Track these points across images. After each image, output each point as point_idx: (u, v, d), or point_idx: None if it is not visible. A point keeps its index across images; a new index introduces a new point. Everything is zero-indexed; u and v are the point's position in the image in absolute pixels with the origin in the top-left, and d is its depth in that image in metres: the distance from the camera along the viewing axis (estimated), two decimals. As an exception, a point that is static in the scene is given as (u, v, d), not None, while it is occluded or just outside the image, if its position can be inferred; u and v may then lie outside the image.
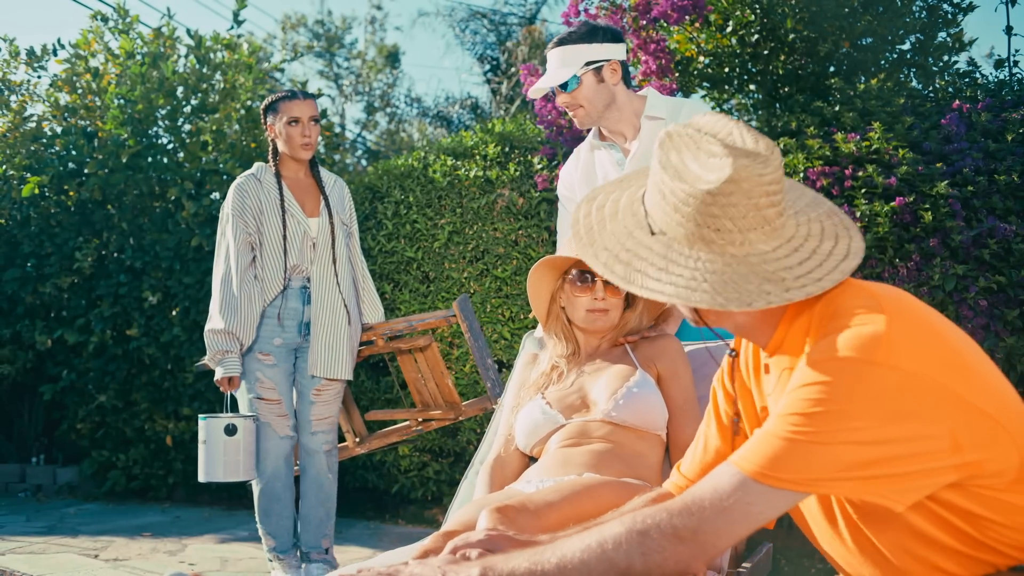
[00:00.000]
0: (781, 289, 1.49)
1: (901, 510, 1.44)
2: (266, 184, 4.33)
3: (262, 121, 4.45)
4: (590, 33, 3.35)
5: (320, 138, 8.02)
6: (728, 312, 1.63)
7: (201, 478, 4.12)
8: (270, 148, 4.43)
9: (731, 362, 1.90)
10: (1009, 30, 5.75)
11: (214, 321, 4.20)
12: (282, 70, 18.71)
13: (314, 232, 4.36)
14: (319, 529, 4.36)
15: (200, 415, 4.17)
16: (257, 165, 4.41)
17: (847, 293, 1.52)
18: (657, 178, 1.59)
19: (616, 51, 3.37)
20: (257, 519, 4.31)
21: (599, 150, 3.51)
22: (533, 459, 2.75)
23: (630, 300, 2.82)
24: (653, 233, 1.61)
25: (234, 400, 4.33)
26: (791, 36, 5.54)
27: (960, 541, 1.47)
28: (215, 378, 4.22)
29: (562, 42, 3.36)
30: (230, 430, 4.05)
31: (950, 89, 5.27)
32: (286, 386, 4.32)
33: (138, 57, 7.47)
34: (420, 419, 4.66)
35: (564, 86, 3.35)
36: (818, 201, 1.64)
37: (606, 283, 2.71)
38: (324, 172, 4.54)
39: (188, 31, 7.54)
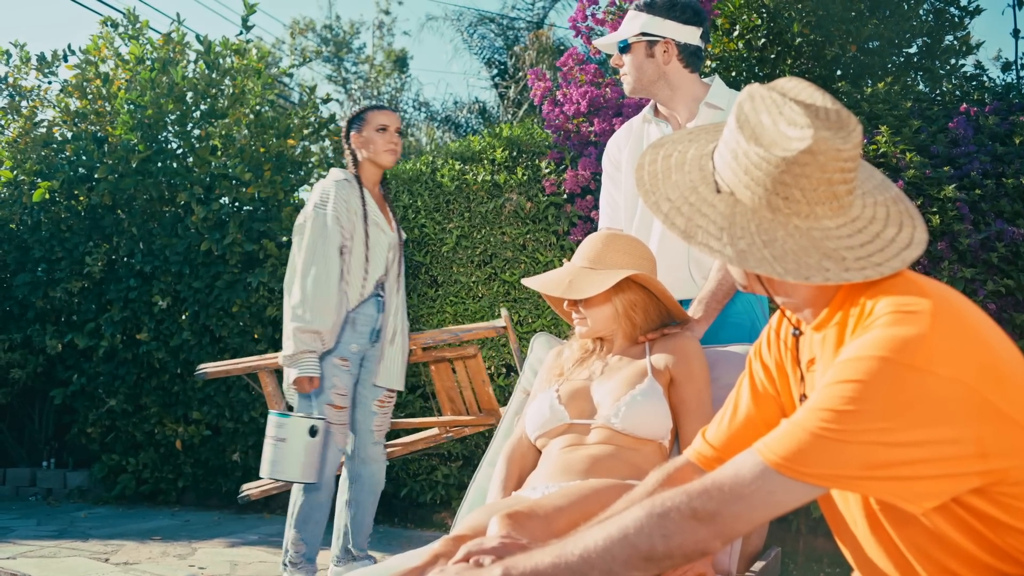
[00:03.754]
0: (840, 268, 1.48)
1: (919, 513, 1.43)
2: (355, 192, 4.38)
3: (344, 135, 4.52)
4: (664, 6, 3.25)
5: (328, 142, 8.05)
6: (782, 283, 1.63)
7: (270, 474, 4.11)
8: (351, 161, 4.49)
9: (768, 337, 1.90)
10: (1016, 33, 5.74)
11: (307, 320, 4.15)
12: (291, 75, 18.74)
13: (391, 242, 4.46)
14: (367, 532, 4.47)
15: (272, 411, 4.16)
16: (344, 172, 4.45)
17: (897, 285, 1.50)
18: (732, 137, 1.58)
19: (679, 32, 3.26)
20: (293, 524, 4.27)
21: (650, 124, 3.43)
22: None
23: (617, 305, 2.80)
24: (719, 191, 1.60)
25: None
26: (798, 40, 5.54)
27: (978, 545, 1.45)
28: (293, 378, 4.20)
29: (636, 5, 3.28)
30: (314, 431, 4.05)
31: (957, 92, 5.26)
32: (352, 394, 4.36)
33: (148, 62, 7.49)
34: (450, 427, 4.69)
35: (620, 46, 3.29)
36: (885, 185, 1.63)
37: (572, 298, 2.76)
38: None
39: (197, 36, 7.56)
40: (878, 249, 1.51)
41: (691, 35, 3.29)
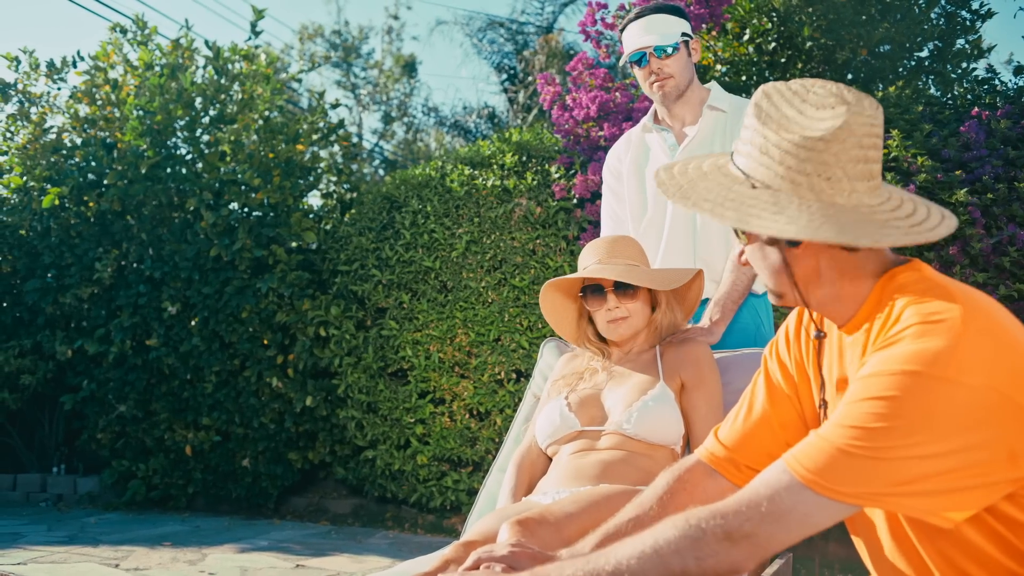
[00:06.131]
0: (900, 233, 1.49)
1: (951, 527, 1.42)
2: None
3: None
4: (676, 8, 3.32)
5: (338, 147, 8.06)
6: (819, 284, 1.63)
7: None
8: None
9: (786, 336, 1.89)
10: (1028, 36, 5.71)
11: None
12: (300, 80, 18.79)
13: None
14: None
15: None
16: None
17: (930, 289, 1.49)
18: (756, 136, 1.59)
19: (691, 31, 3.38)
20: None
21: (651, 133, 3.46)
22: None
23: (655, 301, 2.81)
24: (755, 188, 1.59)
25: None
26: (808, 44, 5.53)
27: (1008, 555, 1.44)
28: None
29: (658, 10, 3.31)
30: None
31: (969, 96, 5.24)
32: None
33: (157, 68, 7.51)
34: None
35: (661, 50, 3.27)
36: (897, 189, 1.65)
37: (618, 292, 2.72)
38: None
39: (206, 42, 7.57)
40: (919, 221, 1.53)
41: None
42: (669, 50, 3.27)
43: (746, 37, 5.75)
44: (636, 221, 3.41)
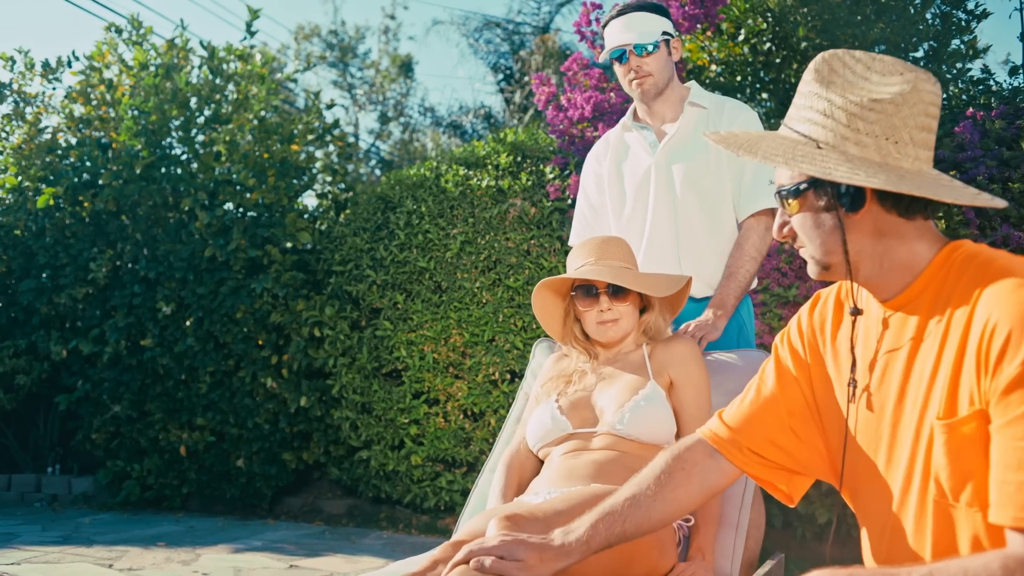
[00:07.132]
0: (969, 195, 1.49)
1: None
2: None
3: None
4: (658, 7, 3.34)
5: (333, 148, 8.05)
6: (873, 253, 1.60)
7: None
8: None
9: (799, 325, 1.89)
10: (1024, 36, 5.72)
11: None
12: (295, 80, 18.75)
13: None
14: None
15: None
16: None
17: (1008, 254, 1.49)
18: (817, 100, 1.59)
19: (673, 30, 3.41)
20: None
21: (630, 131, 3.47)
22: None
23: (646, 303, 2.81)
24: (820, 148, 1.58)
25: None
26: (803, 44, 5.52)
27: None
28: None
29: (640, 8, 3.32)
30: None
31: (964, 96, 5.24)
32: None
33: (152, 68, 7.50)
34: None
35: (641, 48, 3.29)
36: None
37: (611, 294, 2.72)
38: None
39: (201, 42, 7.57)
40: (977, 193, 1.52)
41: None
42: (650, 48, 3.29)
43: (741, 37, 5.75)
44: (617, 217, 3.41)
